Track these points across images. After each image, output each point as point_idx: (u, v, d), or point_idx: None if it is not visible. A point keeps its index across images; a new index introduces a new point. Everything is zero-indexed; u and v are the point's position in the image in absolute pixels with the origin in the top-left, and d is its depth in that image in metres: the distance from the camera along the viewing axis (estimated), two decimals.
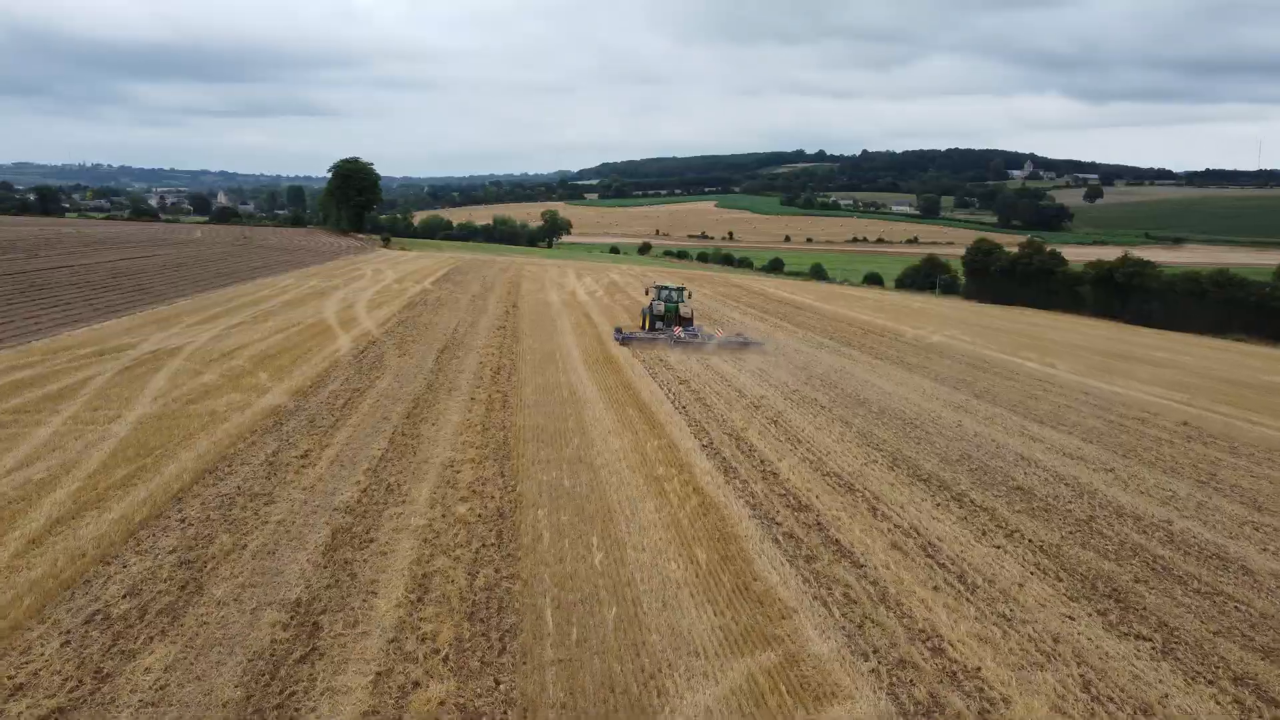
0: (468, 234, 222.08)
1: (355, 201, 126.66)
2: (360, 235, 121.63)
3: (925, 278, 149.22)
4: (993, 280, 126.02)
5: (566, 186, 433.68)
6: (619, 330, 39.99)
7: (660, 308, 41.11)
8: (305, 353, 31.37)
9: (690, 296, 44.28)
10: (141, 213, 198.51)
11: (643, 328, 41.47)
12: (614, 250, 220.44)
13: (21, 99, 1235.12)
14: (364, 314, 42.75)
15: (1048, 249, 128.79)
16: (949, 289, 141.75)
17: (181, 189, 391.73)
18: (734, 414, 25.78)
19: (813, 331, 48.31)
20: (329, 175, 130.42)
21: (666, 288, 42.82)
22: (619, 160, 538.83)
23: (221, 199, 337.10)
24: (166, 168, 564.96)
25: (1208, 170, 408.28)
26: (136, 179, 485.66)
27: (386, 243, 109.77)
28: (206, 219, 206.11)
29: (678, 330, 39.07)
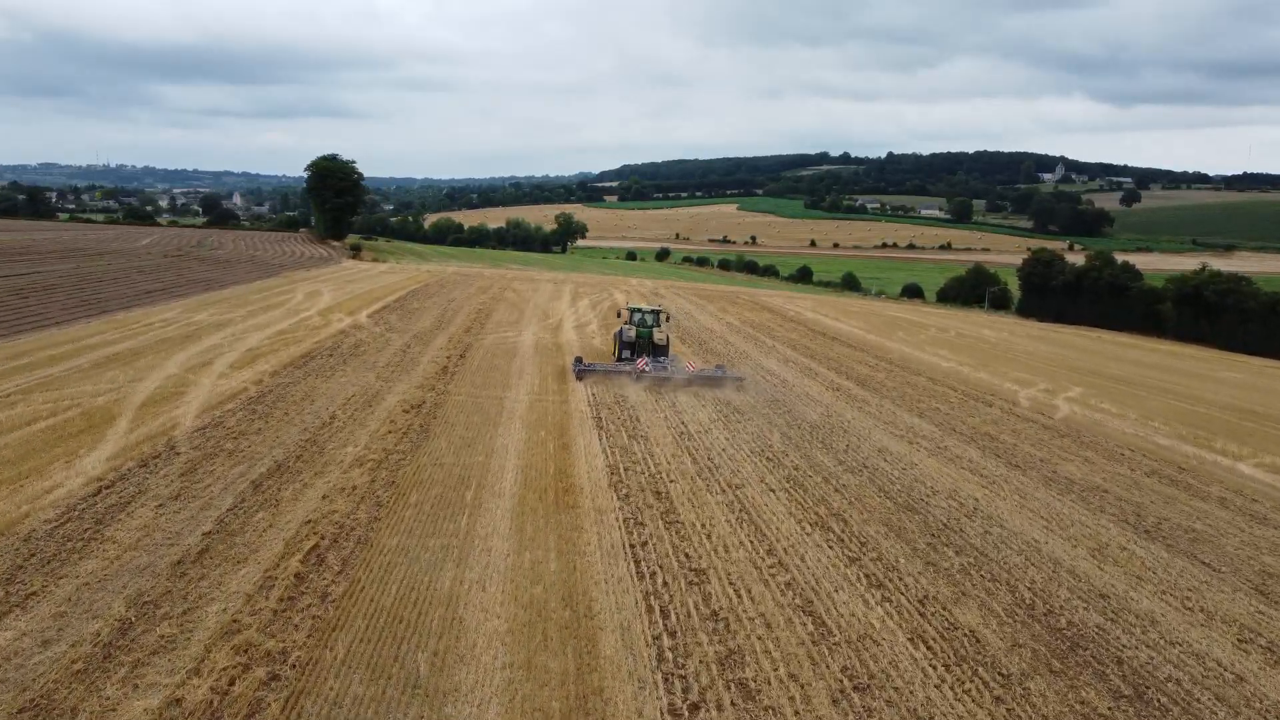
0: (478, 237, 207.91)
1: (333, 204, 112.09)
2: (334, 242, 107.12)
3: (972, 290, 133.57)
4: (1053, 296, 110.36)
5: (586, 189, 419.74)
6: (579, 360, 34.04)
7: (632, 333, 35.63)
8: None
9: (668, 319, 39.08)
10: (138, 215, 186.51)
11: (614, 354, 36.49)
12: (630, 256, 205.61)
13: (50, 100, 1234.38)
14: (213, 379, 27.84)
15: (1119, 261, 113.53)
16: (999, 303, 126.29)
17: (202, 189, 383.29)
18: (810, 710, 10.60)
19: (889, 399, 33.00)
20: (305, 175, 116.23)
21: (640, 310, 37.10)
22: (640, 162, 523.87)
23: (237, 200, 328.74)
24: (190, 169, 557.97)
25: (1245, 174, 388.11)
26: (160, 180, 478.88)
27: (356, 252, 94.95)
28: (205, 221, 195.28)
29: (641, 363, 33.19)
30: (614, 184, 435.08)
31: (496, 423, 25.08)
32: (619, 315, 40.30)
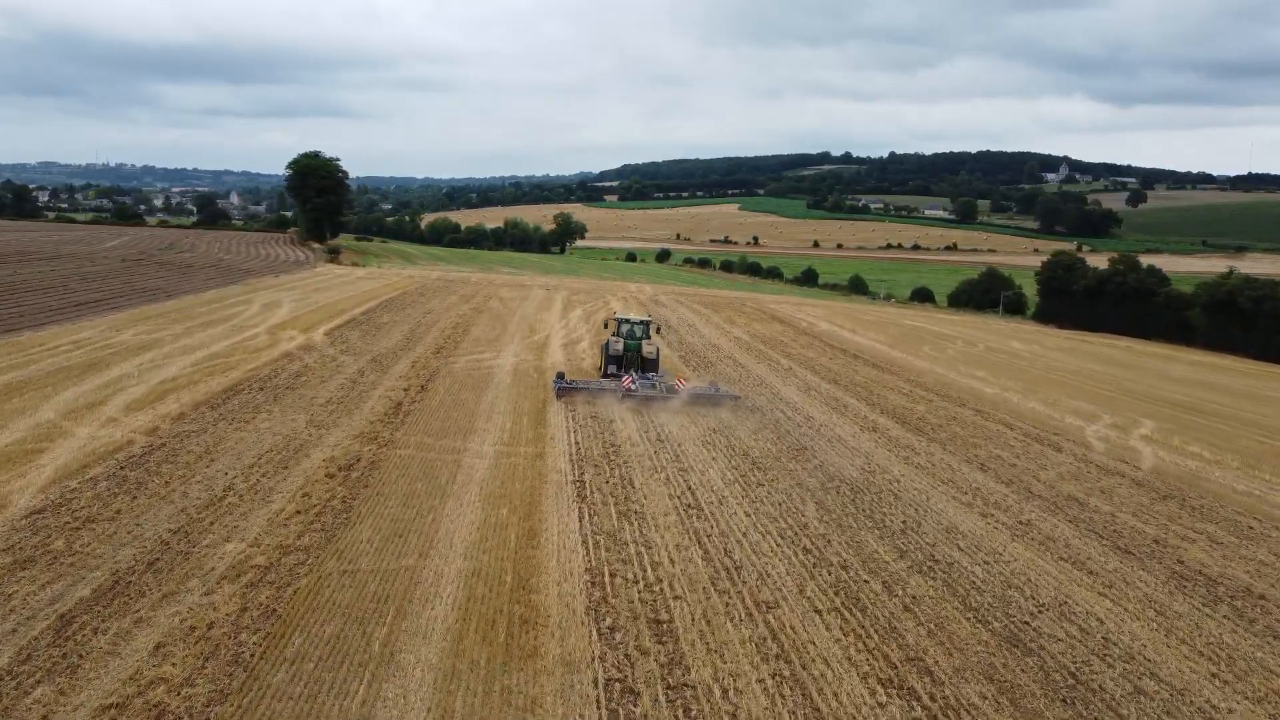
0: (475, 238, 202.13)
1: (314, 204, 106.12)
2: (316, 244, 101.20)
3: (984, 294, 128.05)
4: (1073, 300, 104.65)
5: (586, 188, 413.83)
6: (560, 376, 31.24)
7: (619, 346, 33.33)
8: None
9: (659, 331, 36.26)
10: (127, 215, 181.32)
11: (600, 369, 34.10)
12: (631, 257, 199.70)
13: (51, 100, 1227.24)
14: (94, 428, 21.94)
15: (1145, 265, 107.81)
16: (1014, 308, 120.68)
17: (201, 189, 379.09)
18: None
19: (939, 443, 27.09)
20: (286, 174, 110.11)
21: (629, 321, 35.14)
22: (641, 162, 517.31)
23: (234, 199, 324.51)
24: (190, 168, 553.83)
25: (1250, 174, 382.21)
26: (160, 179, 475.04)
27: (334, 256, 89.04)
28: (196, 220, 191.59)
29: (628, 381, 30.48)
30: (614, 184, 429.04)
31: (446, 494, 19.15)
32: (605, 326, 37.45)
